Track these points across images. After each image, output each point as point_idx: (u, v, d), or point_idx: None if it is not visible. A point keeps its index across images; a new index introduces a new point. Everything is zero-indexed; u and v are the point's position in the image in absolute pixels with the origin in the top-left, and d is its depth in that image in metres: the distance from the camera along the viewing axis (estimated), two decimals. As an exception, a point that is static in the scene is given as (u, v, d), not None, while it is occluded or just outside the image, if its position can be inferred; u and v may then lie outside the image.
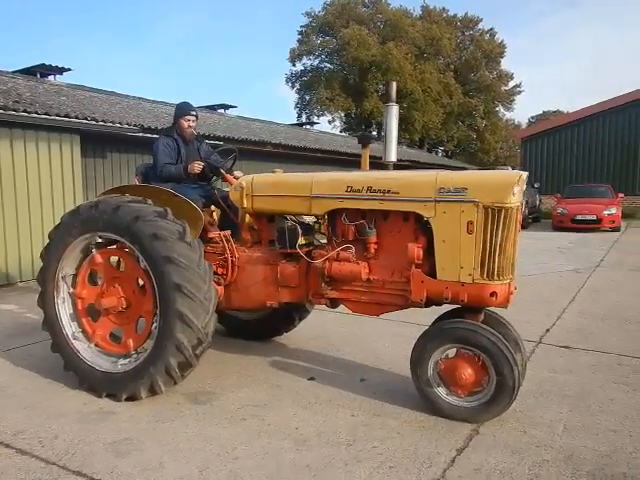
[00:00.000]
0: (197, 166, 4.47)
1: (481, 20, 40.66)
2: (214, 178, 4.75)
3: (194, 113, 4.77)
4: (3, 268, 7.81)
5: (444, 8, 40.14)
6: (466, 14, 40.64)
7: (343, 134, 33.68)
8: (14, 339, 5.11)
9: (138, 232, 3.48)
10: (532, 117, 51.30)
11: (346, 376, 4.07)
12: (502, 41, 40.38)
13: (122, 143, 10.18)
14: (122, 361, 3.72)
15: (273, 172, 4.20)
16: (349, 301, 3.71)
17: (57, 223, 3.93)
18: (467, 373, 3.18)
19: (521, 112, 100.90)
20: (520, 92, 42.40)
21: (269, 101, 76.74)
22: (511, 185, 3.06)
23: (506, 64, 45.84)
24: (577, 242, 12.96)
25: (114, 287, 3.80)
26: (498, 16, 70.97)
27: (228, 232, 4.20)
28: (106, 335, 3.87)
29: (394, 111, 3.47)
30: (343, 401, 3.59)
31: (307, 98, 39.18)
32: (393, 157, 3.61)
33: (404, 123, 36.87)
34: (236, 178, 4.39)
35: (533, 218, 18.61)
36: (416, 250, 3.29)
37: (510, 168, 15.66)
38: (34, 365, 4.33)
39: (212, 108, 18.37)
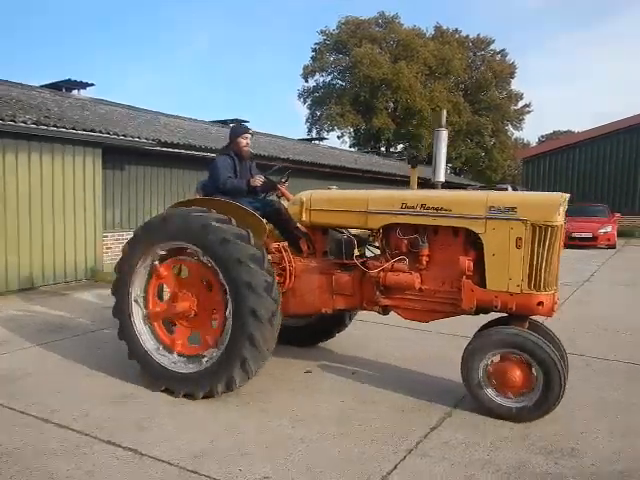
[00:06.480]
0: (258, 180, 4.60)
1: (493, 41, 41.37)
2: (269, 193, 4.97)
3: (251, 131, 4.87)
4: (28, 272, 8.38)
5: (457, 29, 40.91)
6: (478, 35, 41.34)
7: (352, 149, 34.35)
8: (44, 335, 5.66)
9: (208, 238, 3.77)
10: (542, 136, 51.68)
11: (339, 369, 4.56)
12: (513, 62, 41.11)
13: (140, 156, 10.80)
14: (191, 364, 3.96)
15: (328, 189, 4.48)
16: (401, 308, 4.00)
17: (131, 237, 4.28)
18: (516, 375, 3.45)
19: (532, 131, 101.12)
20: (529, 112, 42.98)
21: (281, 116, 77.96)
22: (557, 205, 3.43)
23: (518, 83, 46.24)
24: (571, 258, 13.24)
25: (183, 293, 4.09)
26: (515, 35, 71.69)
27: (285, 243, 4.44)
28: (185, 341, 4.14)
29: (443, 136, 3.73)
30: (335, 390, 4.08)
31: (318, 114, 39.95)
32: (442, 177, 3.87)
33: (412, 140, 37.50)
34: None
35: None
36: (467, 262, 3.61)
37: (510, 187, 16.05)
38: (63, 357, 4.88)
39: (224, 123, 19.04)
